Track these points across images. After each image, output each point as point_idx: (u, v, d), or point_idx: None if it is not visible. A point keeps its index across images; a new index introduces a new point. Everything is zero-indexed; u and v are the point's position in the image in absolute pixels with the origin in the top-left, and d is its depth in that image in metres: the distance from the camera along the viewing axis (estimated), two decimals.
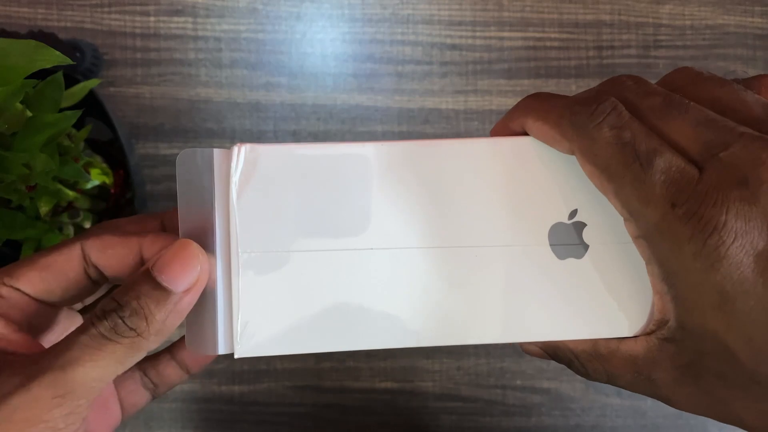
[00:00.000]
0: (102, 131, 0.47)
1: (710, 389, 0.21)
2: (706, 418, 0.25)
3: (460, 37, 0.52)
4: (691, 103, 0.21)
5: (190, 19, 0.51)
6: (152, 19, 0.51)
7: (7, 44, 0.30)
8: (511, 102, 0.52)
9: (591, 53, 0.53)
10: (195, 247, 0.21)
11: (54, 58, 0.31)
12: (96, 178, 0.45)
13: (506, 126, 0.24)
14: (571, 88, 0.53)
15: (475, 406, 0.52)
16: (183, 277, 0.21)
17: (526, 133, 0.24)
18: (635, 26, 0.53)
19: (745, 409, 0.20)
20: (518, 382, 0.52)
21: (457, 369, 0.52)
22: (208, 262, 0.22)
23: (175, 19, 0.51)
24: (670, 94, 0.22)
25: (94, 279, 0.25)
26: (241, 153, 0.22)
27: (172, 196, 0.51)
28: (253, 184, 0.22)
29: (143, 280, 0.21)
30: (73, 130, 0.42)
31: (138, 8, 0.51)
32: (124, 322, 0.21)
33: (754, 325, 0.19)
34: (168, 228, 0.25)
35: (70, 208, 0.45)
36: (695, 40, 0.54)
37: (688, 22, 0.54)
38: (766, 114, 0.20)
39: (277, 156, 0.22)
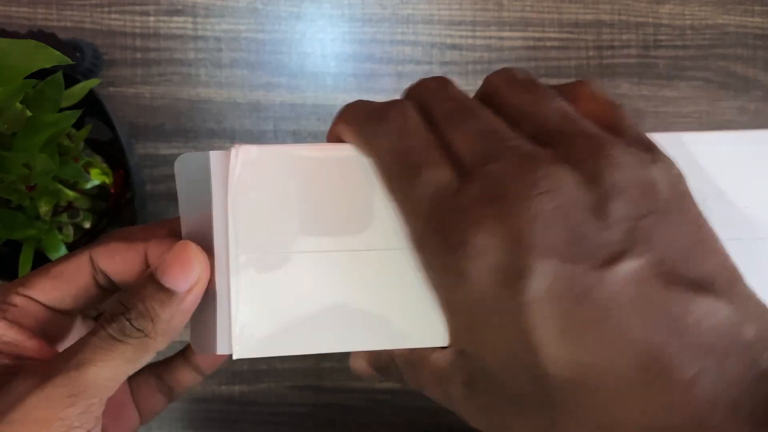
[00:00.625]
0: (102, 131, 0.47)
1: (488, 406, 0.20)
2: None
3: (460, 36, 0.52)
4: (483, 111, 0.21)
5: (190, 19, 0.51)
6: (152, 18, 0.51)
7: (6, 44, 0.30)
8: None
9: (591, 53, 0.53)
10: (194, 248, 0.22)
11: (54, 57, 0.31)
12: (96, 178, 0.44)
13: (332, 132, 0.24)
14: None
15: None
16: (184, 277, 0.21)
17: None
18: (635, 26, 0.53)
19: (519, 427, 0.20)
20: None
21: None
22: (207, 262, 0.22)
23: (175, 18, 0.51)
24: (464, 100, 0.21)
25: (103, 286, 0.25)
26: (238, 154, 0.21)
27: (173, 196, 0.51)
28: (250, 185, 0.22)
29: (147, 282, 0.22)
30: (73, 130, 0.42)
31: (138, 8, 0.51)
32: (131, 323, 0.21)
33: (501, 343, 0.19)
34: (176, 234, 0.26)
35: (70, 208, 0.45)
36: (695, 39, 0.54)
37: (688, 22, 0.54)
38: (559, 126, 0.20)
39: (274, 157, 0.22)
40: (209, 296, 0.22)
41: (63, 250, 0.43)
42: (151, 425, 0.51)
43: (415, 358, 0.23)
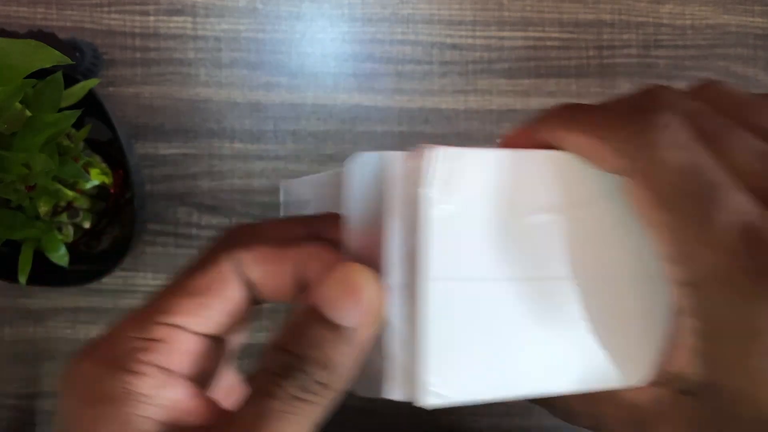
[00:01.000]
0: (101, 131, 0.47)
1: None
2: None
3: (460, 36, 0.52)
4: (743, 131, 0.18)
5: (189, 19, 0.51)
6: (152, 18, 0.51)
7: (6, 44, 0.30)
8: (511, 102, 0.52)
9: (591, 53, 0.53)
10: (367, 274, 0.18)
11: (53, 57, 0.31)
12: (95, 178, 0.44)
13: (528, 137, 0.21)
14: (572, 87, 0.53)
15: (475, 407, 0.52)
16: (358, 310, 0.18)
17: (551, 147, 0.20)
18: (636, 26, 0.53)
19: None
20: None
21: None
22: (382, 289, 0.18)
23: (175, 18, 0.51)
24: (722, 114, 0.18)
25: (256, 300, 0.20)
26: (437, 158, 0.17)
27: (172, 196, 0.51)
28: (449, 196, 0.18)
29: (314, 321, 0.18)
30: (73, 130, 0.42)
31: (137, 8, 0.51)
32: (312, 378, 0.17)
33: None
34: (317, 238, 0.21)
35: (70, 208, 0.45)
36: (696, 39, 0.54)
37: (688, 22, 0.54)
38: None
39: (475, 162, 0.18)
40: (382, 329, 0.19)
41: (63, 251, 0.43)
42: None
43: (595, 393, 0.20)
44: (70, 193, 0.42)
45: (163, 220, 0.51)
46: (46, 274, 0.46)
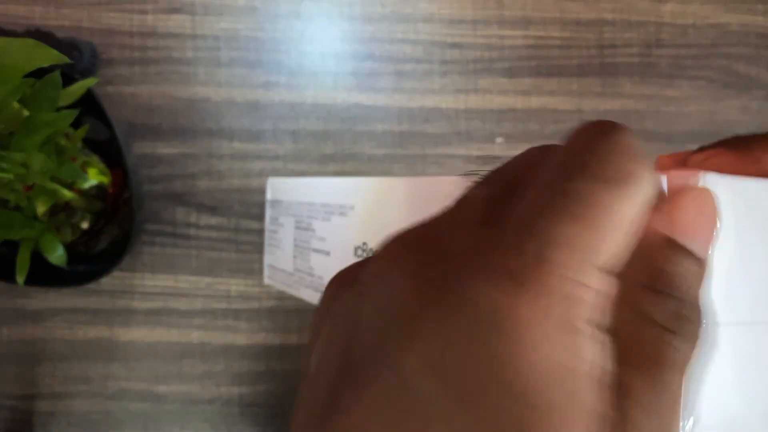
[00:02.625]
0: (99, 130, 0.47)
1: None
2: None
3: (461, 35, 0.52)
4: None
5: (188, 18, 0.51)
6: (150, 17, 0.51)
7: (4, 43, 0.30)
8: (512, 101, 0.52)
9: (593, 52, 0.53)
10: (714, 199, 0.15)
11: (51, 56, 0.31)
12: (93, 177, 0.44)
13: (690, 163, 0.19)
14: (573, 87, 0.52)
15: None
16: (711, 239, 0.15)
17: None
18: (637, 25, 0.53)
19: None
20: None
21: None
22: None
23: (173, 17, 0.51)
24: None
25: None
26: (716, 184, 0.15)
27: (171, 196, 0.51)
28: (730, 228, 0.16)
29: (680, 254, 0.15)
30: (71, 130, 0.42)
31: (136, 6, 0.50)
32: (697, 327, 0.14)
33: None
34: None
35: (68, 207, 0.45)
36: (697, 38, 0.53)
37: (690, 21, 0.53)
38: None
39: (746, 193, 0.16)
40: None
41: (61, 251, 0.43)
42: (149, 427, 0.51)
43: None
44: (68, 193, 0.42)
45: (161, 220, 0.51)
46: (44, 275, 0.46)
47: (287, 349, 0.52)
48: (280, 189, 0.39)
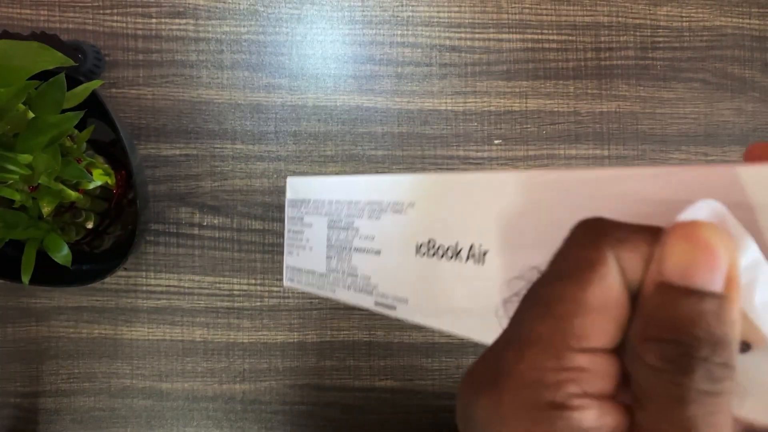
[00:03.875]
0: (104, 132, 0.47)
1: None
2: None
3: (460, 38, 0.53)
4: None
5: (191, 21, 0.51)
6: (154, 20, 0.51)
7: (9, 46, 0.31)
8: (509, 103, 0.53)
9: (589, 55, 0.53)
10: (711, 226, 0.15)
11: (56, 59, 0.31)
12: (98, 178, 0.45)
13: None
14: (570, 89, 0.53)
15: None
16: (719, 270, 0.14)
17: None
18: (633, 28, 0.54)
19: None
20: None
21: (456, 368, 0.52)
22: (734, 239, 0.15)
23: (177, 20, 0.51)
24: None
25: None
26: None
27: (174, 197, 0.51)
28: None
29: (676, 296, 0.15)
30: (76, 131, 0.42)
31: (140, 10, 0.51)
32: (714, 362, 0.14)
33: None
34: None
35: (73, 208, 0.45)
36: (693, 41, 0.54)
37: (685, 24, 0.54)
38: None
39: None
40: None
41: (65, 251, 0.43)
42: (153, 424, 0.52)
43: None
44: (72, 194, 0.42)
45: (165, 220, 0.51)
46: (48, 274, 0.46)
47: (289, 347, 0.52)
48: (304, 188, 0.38)
